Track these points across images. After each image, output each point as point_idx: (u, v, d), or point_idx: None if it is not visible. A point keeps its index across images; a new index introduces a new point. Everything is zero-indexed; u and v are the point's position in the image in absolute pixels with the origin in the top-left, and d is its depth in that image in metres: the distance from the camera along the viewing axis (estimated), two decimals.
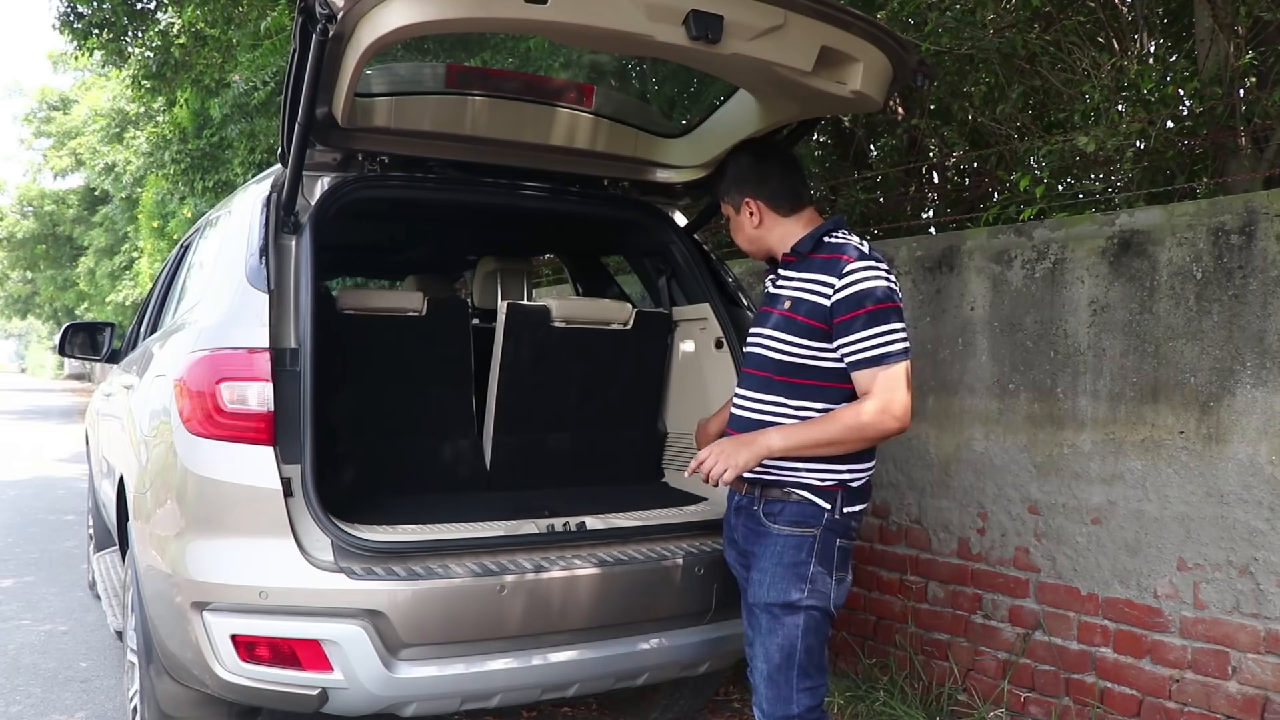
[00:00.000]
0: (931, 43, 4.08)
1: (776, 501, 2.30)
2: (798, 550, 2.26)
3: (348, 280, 6.59)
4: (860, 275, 2.23)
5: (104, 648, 4.35)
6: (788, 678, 2.25)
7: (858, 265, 2.24)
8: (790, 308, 2.32)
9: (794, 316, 2.30)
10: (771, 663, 2.27)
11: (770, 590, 2.27)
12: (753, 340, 2.43)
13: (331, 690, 2.37)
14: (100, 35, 8.60)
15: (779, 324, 2.34)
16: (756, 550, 2.33)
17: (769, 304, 2.42)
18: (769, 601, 2.27)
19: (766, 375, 2.34)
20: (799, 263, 2.36)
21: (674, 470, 3.44)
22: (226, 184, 9.01)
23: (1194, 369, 2.81)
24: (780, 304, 2.36)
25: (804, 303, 2.29)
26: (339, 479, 2.87)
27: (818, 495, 2.28)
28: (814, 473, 2.27)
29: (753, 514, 2.34)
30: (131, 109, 17.68)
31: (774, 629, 2.27)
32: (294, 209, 2.61)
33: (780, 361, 2.32)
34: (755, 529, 2.34)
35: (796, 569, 2.25)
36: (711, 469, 2.23)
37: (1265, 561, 2.67)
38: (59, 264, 29.88)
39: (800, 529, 2.27)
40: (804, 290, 2.31)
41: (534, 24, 2.16)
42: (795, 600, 2.25)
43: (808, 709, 2.27)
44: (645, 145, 3.16)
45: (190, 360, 2.48)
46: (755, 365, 2.39)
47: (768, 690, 2.27)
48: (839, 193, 5.17)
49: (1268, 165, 3.46)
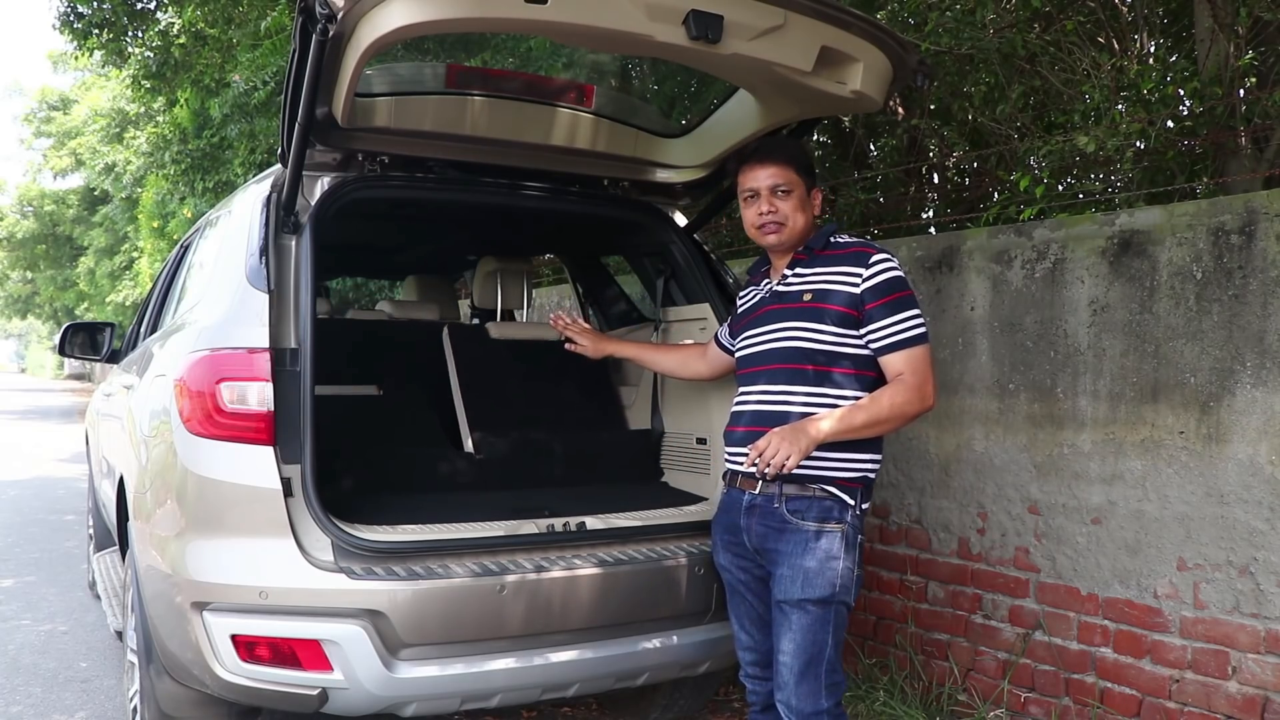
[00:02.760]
0: (931, 43, 4.08)
1: (801, 499, 2.33)
2: (829, 546, 2.30)
3: (348, 280, 6.62)
4: (886, 265, 2.36)
5: (104, 648, 4.35)
6: (818, 673, 2.29)
7: (882, 257, 2.37)
8: (814, 299, 2.39)
9: (825, 306, 2.37)
10: (804, 658, 2.29)
11: (805, 587, 2.29)
12: (767, 334, 2.45)
13: (331, 690, 2.37)
14: (100, 35, 8.59)
15: (807, 315, 2.39)
16: (781, 548, 2.34)
17: (779, 301, 2.47)
18: (803, 598, 2.29)
19: (797, 366, 2.37)
20: (809, 260, 2.45)
21: (673, 470, 3.44)
22: (226, 184, 9.01)
23: (1194, 369, 2.81)
24: (799, 298, 2.42)
25: (833, 293, 2.37)
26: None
27: (843, 490, 2.33)
28: (839, 467, 2.33)
29: (772, 512, 2.35)
30: (131, 109, 17.68)
31: (806, 625, 2.29)
32: (294, 209, 2.61)
33: (813, 351, 2.36)
34: (778, 527, 2.35)
35: (829, 564, 2.29)
36: (774, 458, 2.22)
37: (1265, 561, 2.67)
38: (59, 264, 29.88)
39: (830, 524, 2.31)
40: (828, 281, 2.39)
41: (534, 24, 2.16)
42: (828, 596, 2.28)
43: (835, 703, 2.31)
44: (645, 145, 3.16)
45: (190, 360, 2.48)
46: (781, 359, 2.41)
47: (799, 687, 2.29)
48: (839, 193, 5.17)
49: (1268, 165, 3.47)
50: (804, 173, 2.50)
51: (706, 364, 2.89)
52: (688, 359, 2.96)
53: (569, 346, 3.10)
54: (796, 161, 2.50)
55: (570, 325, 3.10)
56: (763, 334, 2.47)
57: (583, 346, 3.09)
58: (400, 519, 2.64)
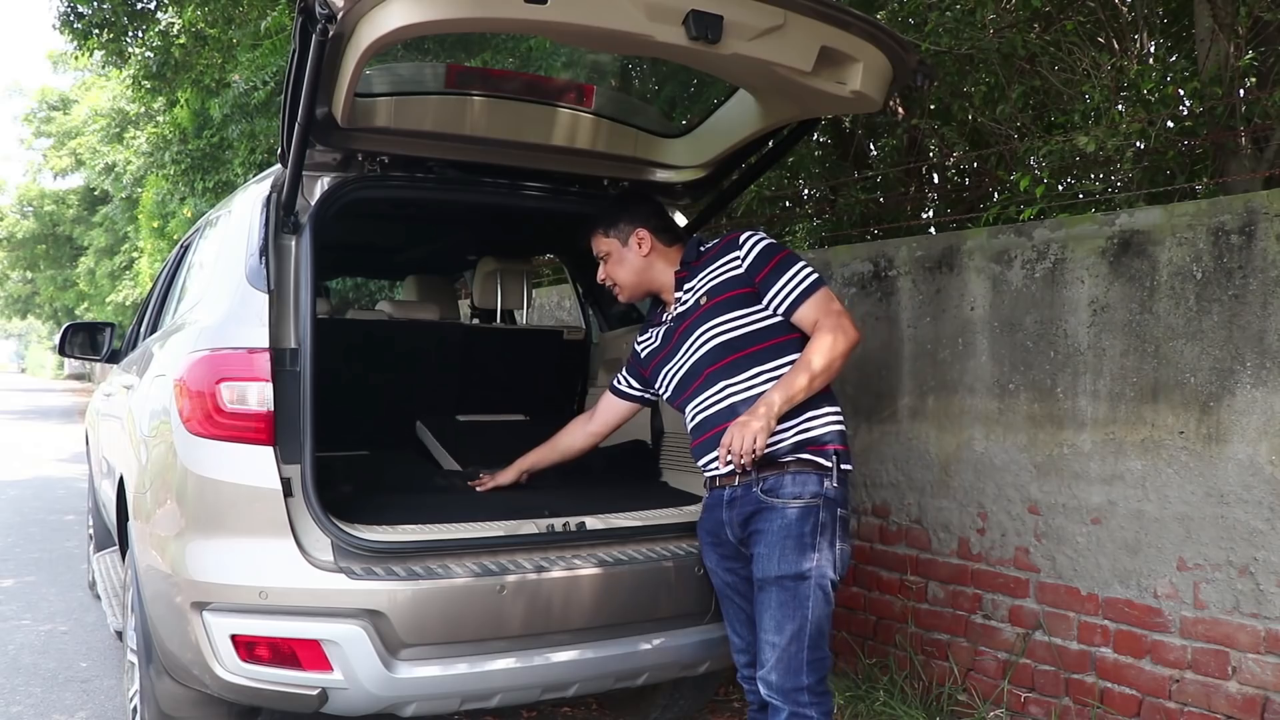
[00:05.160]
0: (931, 43, 4.08)
1: (774, 477, 2.36)
2: (802, 522, 2.32)
3: (348, 280, 6.62)
4: (756, 238, 2.49)
5: (104, 648, 4.35)
6: (799, 648, 2.30)
7: (749, 234, 2.50)
8: (709, 298, 2.49)
9: (721, 298, 2.47)
10: (784, 634, 2.31)
11: (781, 563, 2.31)
12: (686, 353, 2.53)
13: (331, 690, 2.37)
14: (100, 35, 8.59)
15: (710, 313, 2.48)
16: (759, 527, 2.37)
17: (683, 320, 2.56)
18: (780, 574, 2.31)
19: (724, 361, 2.45)
20: (691, 273, 2.57)
21: (673, 470, 3.44)
22: (227, 184, 9.01)
23: (1194, 369, 2.81)
24: (697, 306, 2.52)
25: (722, 284, 2.48)
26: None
27: (817, 454, 2.36)
28: (803, 429, 2.36)
29: (750, 497, 2.39)
30: (131, 109, 17.68)
31: (784, 601, 2.31)
32: (294, 209, 2.60)
33: (731, 340, 2.44)
34: (755, 508, 2.38)
35: (803, 539, 2.31)
36: (743, 446, 2.26)
37: (1265, 561, 2.67)
38: (59, 264, 29.88)
39: (803, 500, 2.33)
40: (714, 277, 2.50)
41: (534, 24, 2.16)
42: (804, 570, 2.30)
43: (817, 680, 2.32)
44: (645, 145, 3.16)
45: (190, 360, 2.48)
46: (709, 361, 2.48)
47: (778, 663, 2.31)
48: (839, 193, 5.17)
49: (1268, 165, 3.47)
50: (611, 230, 2.67)
51: (597, 423, 2.94)
52: (571, 435, 2.99)
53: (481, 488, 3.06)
54: (599, 225, 2.69)
55: (483, 484, 3.06)
56: (683, 353, 2.55)
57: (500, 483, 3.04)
58: (400, 519, 2.63)
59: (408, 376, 3.80)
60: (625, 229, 2.66)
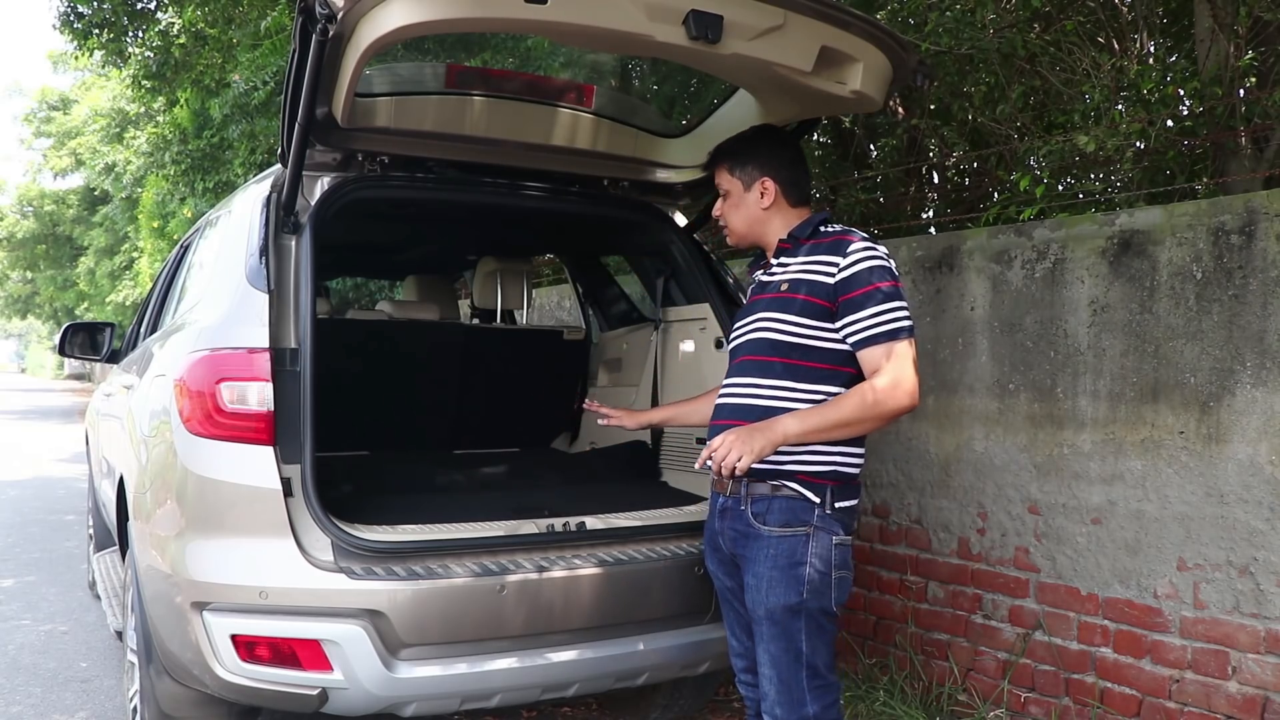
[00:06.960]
0: (931, 43, 4.08)
1: (763, 499, 2.22)
2: (791, 552, 2.19)
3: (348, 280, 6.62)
4: (866, 254, 2.21)
5: (104, 648, 4.35)
6: (798, 679, 2.20)
7: (862, 246, 2.22)
8: (789, 289, 2.27)
9: (792, 296, 2.25)
10: (780, 667, 2.21)
11: (769, 595, 2.20)
12: (746, 326, 2.37)
13: (331, 690, 2.37)
14: (100, 35, 8.59)
15: (775, 305, 2.28)
16: (748, 554, 2.26)
17: (761, 291, 2.38)
18: (769, 608, 2.20)
19: (764, 359, 2.27)
20: (794, 249, 2.33)
21: (672, 470, 3.44)
22: (227, 184, 9.01)
23: (1194, 369, 2.81)
24: (775, 288, 2.32)
25: (804, 282, 2.24)
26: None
27: (806, 488, 2.20)
28: (805, 461, 2.20)
29: (740, 515, 2.27)
30: (131, 109, 17.67)
31: (777, 635, 2.21)
32: (294, 209, 2.61)
33: (779, 342, 2.25)
34: (744, 531, 2.26)
35: (793, 570, 2.18)
36: (725, 458, 2.11)
37: (1265, 561, 2.67)
38: (59, 264, 29.87)
39: (792, 529, 2.20)
40: (804, 271, 2.26)
41: (534, 24, 2.16)
42: (795, 604, 2.18)
43: (824, 707, 2.22)
44: (645, 145, 3.17)
45: (190, 360, 2.48)
46: (751, 351, 2.31)
47: (780, 695, 2.22)
48: (839, 193, 5.17)
49: (1268, 165, 3.46)
50: (738, 169, 2.41)
51: None
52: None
53: (604, 423, 2.87)
54: (729, 159, 2.43)
55: (610, 415, 2.83)
56: (743, 325, 2.38)
57: (625, 425, 2.85)
58: (400, 519, 2.64)
59: (408, 376, 3.80)
60: (753, 173, 2.39)
